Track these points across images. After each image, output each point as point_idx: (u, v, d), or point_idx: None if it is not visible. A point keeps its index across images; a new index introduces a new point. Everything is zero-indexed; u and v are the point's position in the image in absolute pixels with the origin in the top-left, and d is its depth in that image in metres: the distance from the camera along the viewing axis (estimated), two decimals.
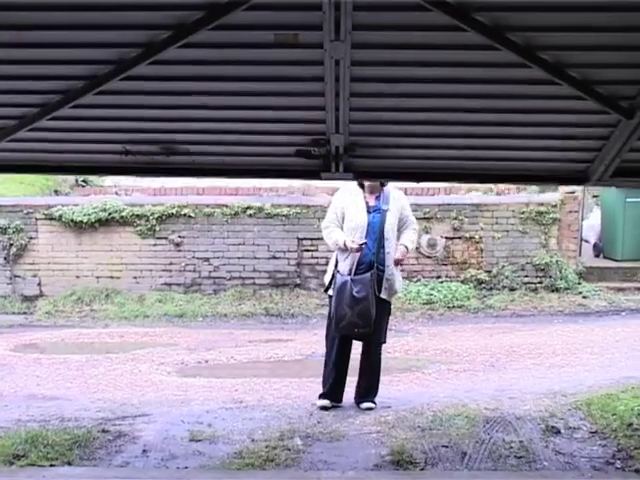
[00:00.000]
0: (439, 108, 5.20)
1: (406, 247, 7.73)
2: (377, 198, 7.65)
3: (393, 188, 7.92)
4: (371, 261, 7.48)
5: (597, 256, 15.83)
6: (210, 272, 14.31)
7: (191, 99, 5.17)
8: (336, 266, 7.60)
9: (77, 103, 5.02)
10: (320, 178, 6.03)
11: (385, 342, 7.84)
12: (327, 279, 7.83)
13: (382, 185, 7.64)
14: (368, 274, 7.39)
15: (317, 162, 5.88)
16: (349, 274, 7.45)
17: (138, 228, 14.23)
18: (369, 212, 7.57)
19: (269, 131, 5.63)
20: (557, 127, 5.44)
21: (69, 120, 5.39)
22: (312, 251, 14.31)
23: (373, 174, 6.56)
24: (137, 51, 4.55)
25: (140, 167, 6.08)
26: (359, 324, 7.33)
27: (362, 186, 7.60)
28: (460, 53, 4.55)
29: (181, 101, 5.19)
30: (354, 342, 7.78)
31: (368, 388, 7.73)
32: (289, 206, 14.32)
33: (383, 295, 7.54)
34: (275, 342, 11.46)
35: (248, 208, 14.26)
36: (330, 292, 7.62)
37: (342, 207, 7.64)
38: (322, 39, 4.40)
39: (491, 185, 15.87)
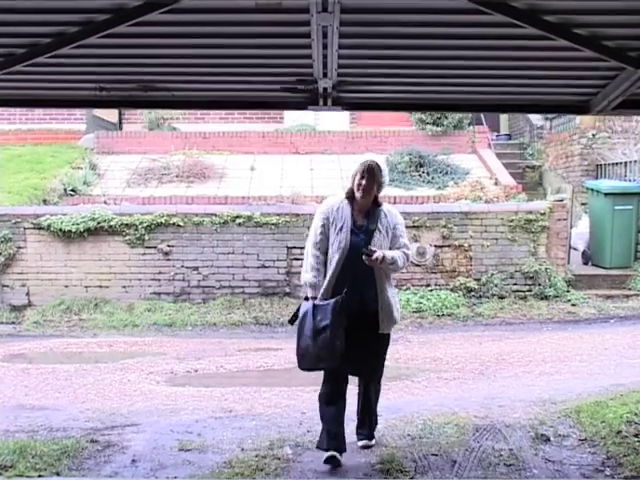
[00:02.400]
0: (431, 46, 5.21)
1: (384, 255, 6.29)
2: (366, 215, 6.52)
3: (387, 205, 6.78)
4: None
5: (586, 264, 15.87)
6: (199, 281, 14.29)
7: (173, 42, 5.22)
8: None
9: (71, 46, 5.12)
10: (306, 109, 6.21)
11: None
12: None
13: (377, 203, 6.59)
14: (332, 300, 6.26)
15: (304, 95, 5.95)
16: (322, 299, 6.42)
17: (127, 237, 14.20)
18: (355, 232, 6.43)
19: (255, 69, 5.68)
20: (557, 70, 5.52)
21: (63, 58, 5.53)
22: (301, 260, 14.16)
23: (362, 106, 6.70)
24: (124, 13, 4.62)
25: (117, 100, 6.49)
26: (322, 357, 6.33)
27: (351, 199, 6.51)
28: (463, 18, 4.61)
29: (164, 43, 5.25)
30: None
31: (363, 422, 6.85)
32: (278, 215, 14.32)
33: (382, 329, 6.46)
34: (264, 351, 11.44)
35: (237, 217, 14.25)
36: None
37: (327, 224, 6.51)
38: (308, 5, 4.38)
39: (479, 193, 15.90)
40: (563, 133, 19.95)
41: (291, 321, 6.93)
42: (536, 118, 21.84)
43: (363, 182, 6.43)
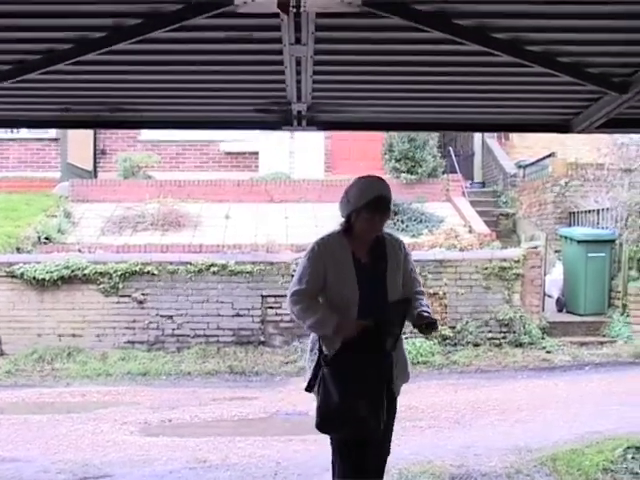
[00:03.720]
0: (408, 72, 5.24)
1: (429, 313, 5.01)
2: (370, 250, 4.97)
3: (389, 233, 5.21)
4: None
5: (560, 311, 15.92)
6: (174, 330, 14.21)
7: (143, 69, 5.24)
8: (320, 351, 4.91)
9: (40, 71, 5.14)
10: (280, 129, 6.16)
11: None
12: (308, 373, 5.10)
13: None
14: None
15: (278, 116, 5.95)
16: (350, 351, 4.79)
17: (101, 286, 14.12)
18: (361, 274, 4.86)
19: (227, 92, 5.69)
20: (540, 93, 5.57)
21: (29, 83, 5.53)
22: (276, 308, 14.28)
23: (336, 126, 6.68)
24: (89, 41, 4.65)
25: (83, 121, 6.49)
26: (371, 422, 4.87)
27: (348, 232, 4.96)
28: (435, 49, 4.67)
29: (133, 70, 5.30)
30: None
31: None
32: (253, 263, 14.31)
33: (397, 387, 5.27)
34: (239, 400, 11.36)
35: (212, 265, 14.23)
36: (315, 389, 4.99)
37: (323, 269, 4.87)
38: (280, 37, 4.40)
39: (454, 241, 15.97)
40: (536, 181, 20.12)
41: (309, 387, 5.12)
42: (509, 166, 22.03)
43: (376, 220, 4.90)
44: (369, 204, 4.80)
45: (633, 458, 7.34)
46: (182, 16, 4.15)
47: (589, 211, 17.55)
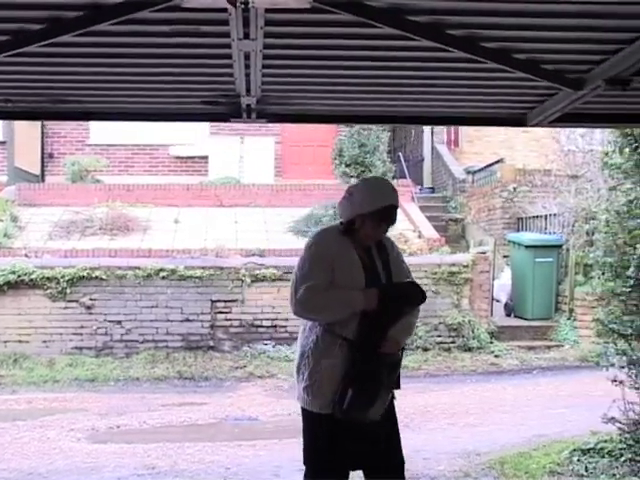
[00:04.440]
0: (359, 67, 5.22)
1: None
2: (371, 248, 4.83)
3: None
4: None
5: (508, 315, 16.07)
6: (122, 335, 14.08)
7: (87, 61, 5.17)
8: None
9: None
10: (229, 121, 6.09)
11: None
12: (325, 393, 4.62)
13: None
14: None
15: (227, 108, 5.91)
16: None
17: (48, 291, 13.95)
18: (367, 271, 4.74)
19: (175, 84, 5.62)
20: (494, 88, 5.60)
21: None
22: (226, 313, 14.23)
23: (287, 118, 6.63)
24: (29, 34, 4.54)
25: (25, 112, 6.32)
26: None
27: (348, 232, 4.77)
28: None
29: (77, 62, 5.20)
30: None
31: None
32: (202, 268, 14.24)
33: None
34: (188, 406, 11.29)
35: (161, 270, 14.13)
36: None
37: (330, 261, 4.66)
38: (228, 31, 4.35)
39: (403, 246, 16.03)
40: (485, 187, 20.29)
41: (343, 409, 4.62)
42: (459, 172, 22.18)
43: (382, 228, 4.81)
44: (379, 212, 4.66)
45: (579, 460, 7.42)
46: (126, 10, 4.08)
47: (537, 217, 17.74)
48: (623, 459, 7.21)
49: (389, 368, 4.79)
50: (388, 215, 4.71)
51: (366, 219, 4.66)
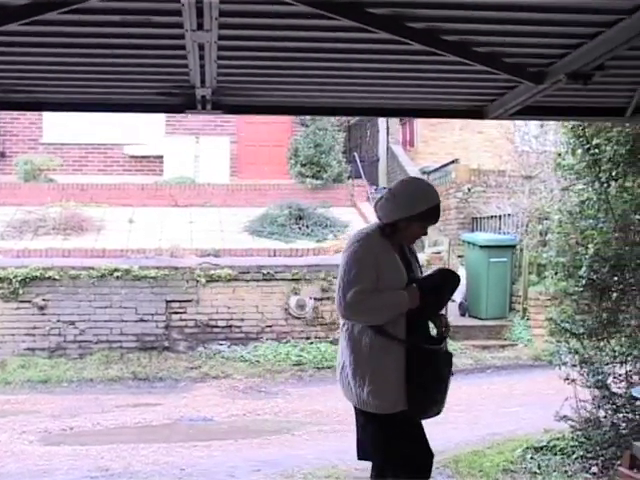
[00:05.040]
0: (317, 59, 5.18)
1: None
2: (403, 246, 4.91)
3: None
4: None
5: (463, 315, 16.15)
6: (76, 336, 13.95)
7: (36, 50, 5.05)
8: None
9: None
10: (184, 112, 6.03)
11: None
12: (389, 395, 4.72)
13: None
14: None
15: (182, 99, 5.86)
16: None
17: (0, 291, 13.78)
18: (407, 272, 4.84)
19: (128, 75, 5.54)
20: (454, 81, 5.59)
21: None
22: (181, 313, 14.17)
23: (243, 110, 6.58)
24: None
25: None
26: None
27: (387, 233, 4.79)
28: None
29: (25, 52, 5.09)
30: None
31: None
32: (157, 268, 14.16)
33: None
34: (143, 406, 11.22)
35: (115, 270, 14.02)
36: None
37: (375, 264, 4.71)
38: (182, 22, 4.27)
39: None
40: (440, 187, 20.32)
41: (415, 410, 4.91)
42: (414, 172, 22.24)
43: (426, 229, 4.91)
44: (428, 212, 4.71)
45: (532, 458, 7.50)
46: None
47: (491, 217, 17.87)
48: (575, 456, 7.29)
49: (446, 360, 4.98)
50: (436, 214, 4.75)
51: (414, 220, 4.71)
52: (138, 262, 14.36)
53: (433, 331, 5.10)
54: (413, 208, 4.66)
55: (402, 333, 4.68)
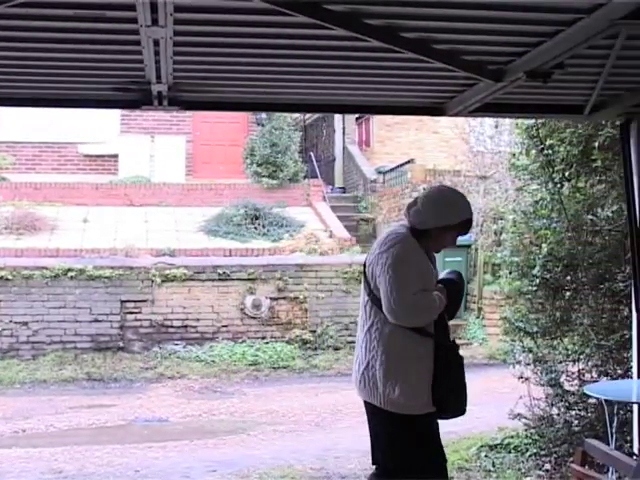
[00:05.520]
0: (273, 55, 5.16)
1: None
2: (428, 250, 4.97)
3: None
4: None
5: None
6: (29, 336, 13.81)
7: None
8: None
9: None
10: (140, 108, 5.99)
11: None
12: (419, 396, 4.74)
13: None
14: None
15: (138, 95, 5.80)
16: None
17: None
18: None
19: (83, 70, 5.47)
20: (413, 78, 5.58)
21: None
22: (136, 313, 14.08)
23: (200, 106, 6.55)
24: None
25: None
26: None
27: (416, 232, 4.82)
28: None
29: None
30: None
31: None
32: (112, 268, 14.06)
33: None
34: (97, 408, 11.14)
35: (69, 270, 13.90)
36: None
37: (416, 267, 4.76)
38: (136, 17, 4.24)
39: (314, 246, 16.09)
40: (396, 187, 20.46)
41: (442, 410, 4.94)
42: (370, 172, 22.33)
43: (455, 242, 5.06)
44: (462, 224, 4.80)
45: (486, 456, 7.57)
46: None
47: None
48: (529, 454, 7.36)
49: (461, 359, 4.91)
50: (469, 226, 4.87)
51: (448, 230, 4.77)
52: (92, 262, 14.25)
53: None
54: (451, 218, 4.73)
55: (432, 333, 4.71)
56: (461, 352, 4.91)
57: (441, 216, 4.72)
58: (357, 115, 23.06)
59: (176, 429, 9.98)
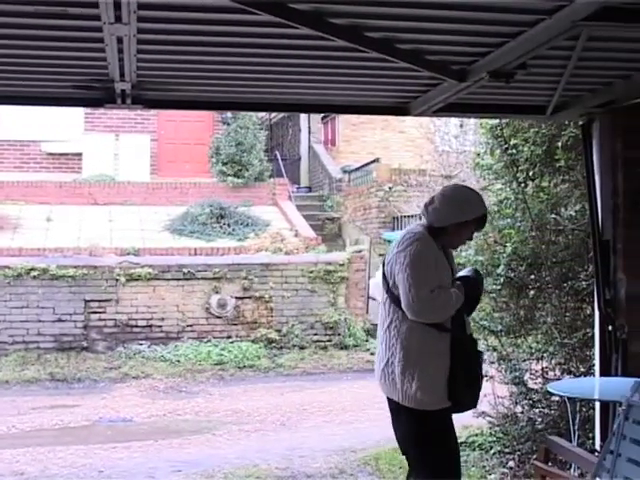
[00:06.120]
0: (237, 54, 5.13)
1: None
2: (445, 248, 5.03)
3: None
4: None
5: None
6: None
7: None
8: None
9: None
10: (103, 107, 5.94)
11: None
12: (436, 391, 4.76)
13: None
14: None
15: (101, 93, 5.76)
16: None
17: None
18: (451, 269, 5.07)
19: (44, 68, 5.41)
20: (378, 77, 5.59)
21: None
22: (100, 313, 13.99)
23: (164, 104, 6.51)
24: None
25: None
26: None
27: (433, 231, 4.86)
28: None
29: None
30: None
31: None
32: (75, 267, 13.96)
33: None
34: (61, 408, 11.04)
35: (32, 269, 13.78)
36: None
37: (434, 264, 4.81)
38: (99, 14, 4.16)
39: (280, 245, 16.07)
40: (361, 186, 20.51)
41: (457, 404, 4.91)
42: (335, 171, 22.37)
43: (471, 237, 5.19)
44: (479, 220, 4.89)
45: None
46: None
47: (412, 216, 18.01)
48: (493, 451, 7.41)
49: (479, 354, 5.02)
50: (485, 221, 5.00)
51: (466, 225, 4.86)
52: (56, 261, 14.14)
53: None
54: (467, 214, 4.81)
55: (450, 328, 4.78)
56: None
57: (458, 212, 4.80)
58: (323, 114, 23.09)
59: (141, 429, 9.92)
